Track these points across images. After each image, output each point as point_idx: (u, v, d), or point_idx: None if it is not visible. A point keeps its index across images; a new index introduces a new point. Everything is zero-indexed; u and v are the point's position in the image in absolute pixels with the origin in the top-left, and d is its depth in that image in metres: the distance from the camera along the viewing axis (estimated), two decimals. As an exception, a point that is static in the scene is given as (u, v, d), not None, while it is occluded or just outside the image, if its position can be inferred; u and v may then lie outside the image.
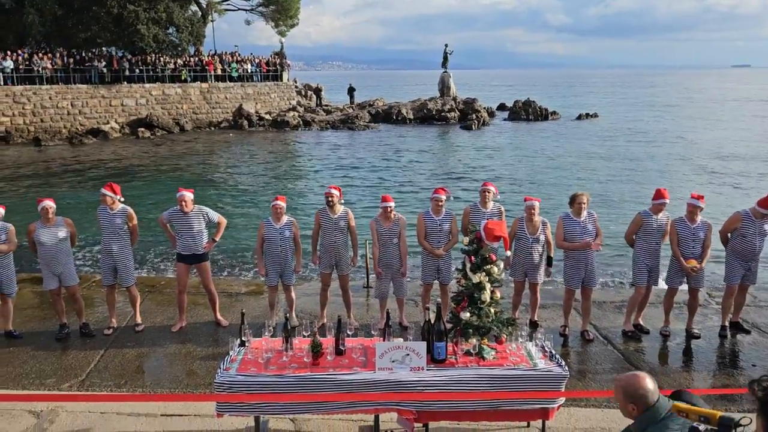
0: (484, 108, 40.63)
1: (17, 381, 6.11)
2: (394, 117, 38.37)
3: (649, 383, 2.66)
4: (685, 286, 7.16)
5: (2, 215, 6.89)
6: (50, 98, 30.27)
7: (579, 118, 42.14)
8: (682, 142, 29.94)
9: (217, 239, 7.47)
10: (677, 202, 8.35)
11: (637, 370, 6.17)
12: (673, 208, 7.52)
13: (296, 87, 44.66)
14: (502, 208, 7.39)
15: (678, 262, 6.93)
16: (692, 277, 6.95)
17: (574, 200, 6.92)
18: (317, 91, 46.25)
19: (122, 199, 7.23)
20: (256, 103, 37.82)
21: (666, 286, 7.27)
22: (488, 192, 7.23)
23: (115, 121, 32.21)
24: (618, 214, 14.98)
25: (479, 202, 7.31)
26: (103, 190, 7.11)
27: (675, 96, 76.56)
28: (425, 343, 4.49)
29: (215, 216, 7.34)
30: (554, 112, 43.03)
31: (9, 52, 30.46)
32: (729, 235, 7.11)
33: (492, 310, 4.71)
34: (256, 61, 39.63)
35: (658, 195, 6.97)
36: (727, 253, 7.16)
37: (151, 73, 34.05)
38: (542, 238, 7.07)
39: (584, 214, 6.88)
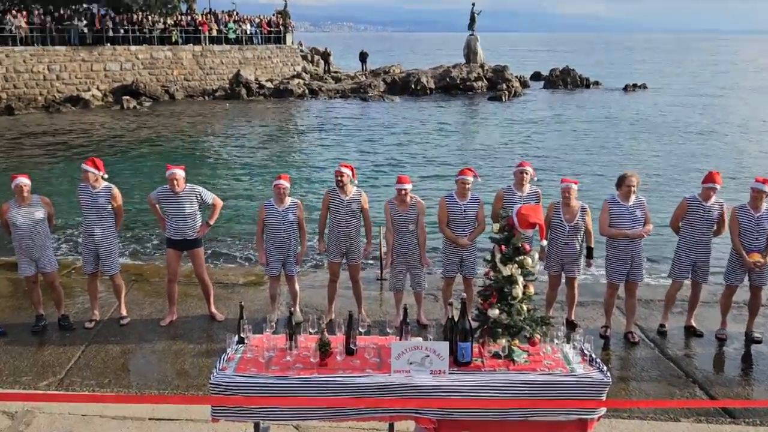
0: (516, 77, 40.29)
1: (-11, 378, 6.23)
2: (413, 86, 38.15)
3: None
4: (746, 284, 7.08)
5: None
6: (24, 62, 30.43)
7: (625, 89, 41.72)
8: (744, 119, 29.51)
9: (212, 223, 7.49)
10: (740, 187, 8.23)
11: (687, 377, 6.15)
12: (732, 197, 7.41)
13: (301, 51, 44.62)
14: (540, 192, 7.35)
15: (739, 256, 6.86)
16: (755, 273, 6.87)
17: (622, 182, 6.85)
18: (325, 56, 46.20)
19: (106, 176, 7.27)
20: (256, 69, 37.81)
21: (724, 284, 7.20)
22: (525, 173, 7.18)
23: (97, 88, 32.38)
24: (669, 199, 14.82)
25: (514, 185, 7.27)
26: (85, 166, 7.14)
27: (734, 65, 75.38)
28: (447, 343, 4.49)
29: (210, 197, 7.37)
30: (596, 82, 42.58)
31: (-22, 9, 30.71)
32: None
33: (524, 307, 4.68)
34: (257, 21, 39.56)
35: (709, 178, 6.89)
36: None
37: (138, 34, 34.10)
38: (581, 225, 7.02)
39: (633, 198, 6.81)
